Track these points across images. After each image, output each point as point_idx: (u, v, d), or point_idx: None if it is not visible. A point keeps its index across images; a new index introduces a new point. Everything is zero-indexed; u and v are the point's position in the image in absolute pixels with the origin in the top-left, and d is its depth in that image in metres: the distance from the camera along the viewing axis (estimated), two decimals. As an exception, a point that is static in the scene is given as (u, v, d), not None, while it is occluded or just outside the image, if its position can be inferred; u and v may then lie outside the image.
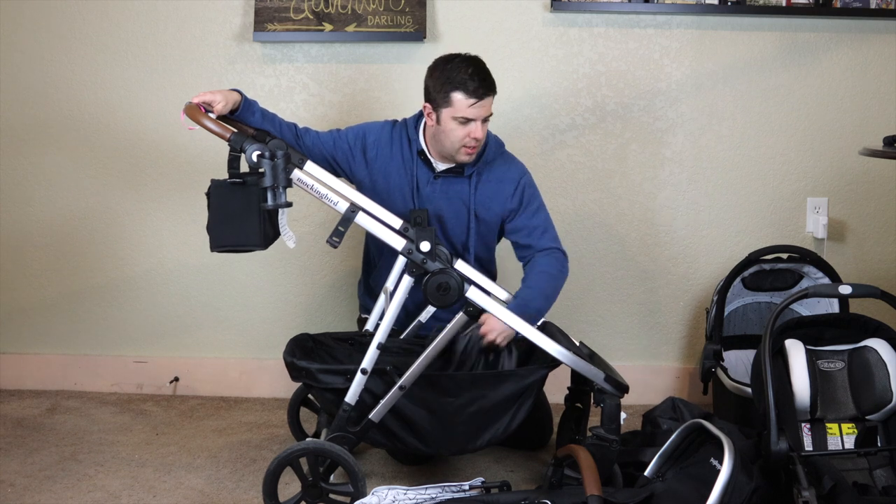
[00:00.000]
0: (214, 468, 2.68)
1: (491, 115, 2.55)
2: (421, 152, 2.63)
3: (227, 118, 2.44)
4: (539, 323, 2.53)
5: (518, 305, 2.49)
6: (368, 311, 2.72)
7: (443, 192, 2.64)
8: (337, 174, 2.65)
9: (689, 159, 3.23)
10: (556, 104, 3.21)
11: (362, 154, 2.66)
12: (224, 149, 2.28)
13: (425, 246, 2.30)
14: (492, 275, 2.78)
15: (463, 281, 2.29)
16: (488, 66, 2.91)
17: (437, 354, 2.33)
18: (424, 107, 2.59)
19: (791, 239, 3.20)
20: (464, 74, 2.48)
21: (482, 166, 2.64)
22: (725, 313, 2.98)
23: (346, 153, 2.66)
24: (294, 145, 2.54)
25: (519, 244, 2.69)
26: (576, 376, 2.51)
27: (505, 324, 2.39)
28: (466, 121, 2.49)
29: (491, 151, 2.65)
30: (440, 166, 2.64)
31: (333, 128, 2.91)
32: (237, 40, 3.20)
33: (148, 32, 3.21)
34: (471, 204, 2.64)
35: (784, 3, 3.10)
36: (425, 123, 2.63)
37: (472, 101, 2.48)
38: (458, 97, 2.48)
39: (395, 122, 2.71)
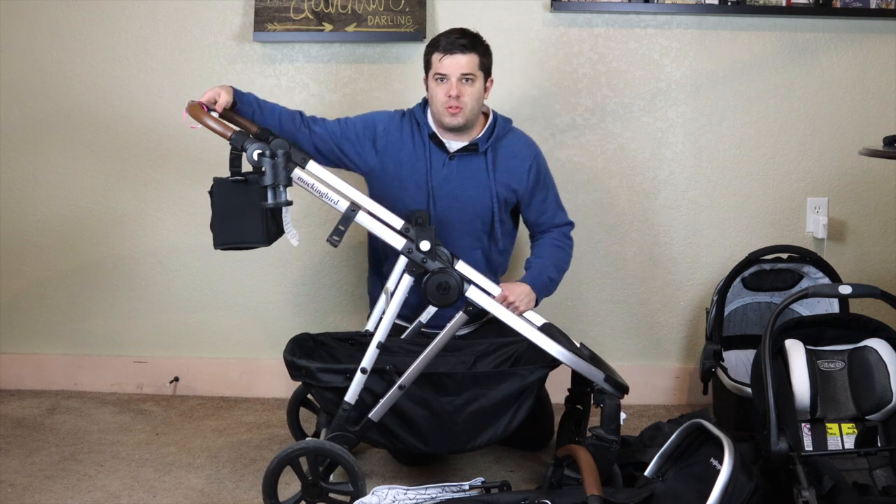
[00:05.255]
0: (214, 468, 2.68)
1: (473, 77, 2.60)
2: (433, 135, 2.68)
3: (229, 117, 2.45)
4: (541, 324, 2.53)
5: (532, 275, 2.61)
6: None
7: (460, 173, 2.68)
8: (344, 163, 2.69)
9: (689, 159, 3.23)
10: (556, 104, 3.21)
11: (372, 143, 2.69)
12: (225, 148, 2.28)
13: (425, 245, 2.30)
14: (504, 266, 2.86)
15: (463, 280, 2.29)
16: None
17: (437, 354, 2.33)
18: (424, 82, 2.69)
19: (791, 239, 3.20)
20: (442, 35, 2.63)
21: (495, 142, 2.70)
22: (725, 313, 2.98)
23: (353, 142, 2.68)
24: (297, 132, 2.59)
25: (533, 221, 2.77)
26: (576, 377, 2.51)
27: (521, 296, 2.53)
28: (443, 77, 2.59)
29: (500, 128, 2.72)
30: (454, 146, 2.68)
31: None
32: (237, 40, 3.20)
33: (148, 32, 3.21)
34: (491, 181, 2.69)
35: (784, 3, 3.10)
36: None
37: (442, 55, 2.58)
38: (434, 55, 2.61)
39: (403, 111, 2.76)
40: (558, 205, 2.79)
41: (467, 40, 2.60)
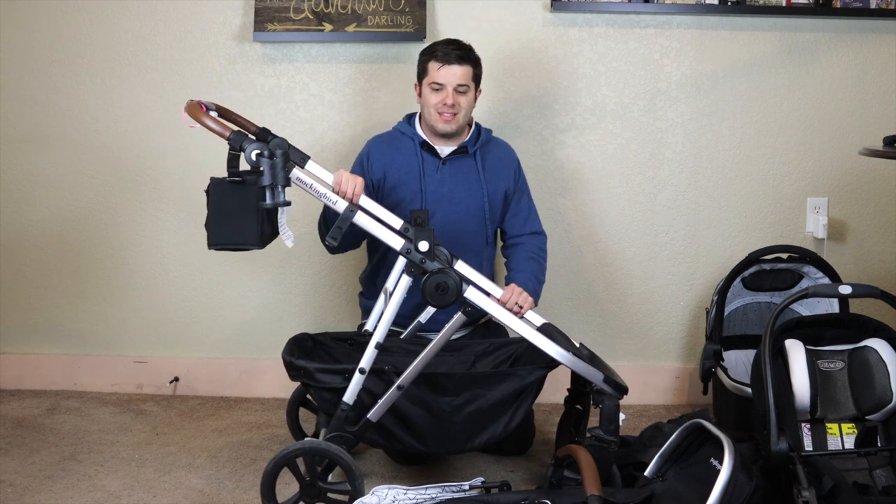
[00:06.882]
0: (214, 468, 2.68)
1: (467, 87, 2.70)
2: (423, 143, 2.77)
3: (228, 116, 2.44)
4: (540, 324, 2.52)
5: (522, 282, 2.64)
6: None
7: (452, 176, 2.77)
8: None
9: (689, 159, 3.23)
10: (556, 104, 3.20)
11: (371, 183, 2.76)
12: (224, 148, 2.28)
13: (423, 246, 2.30)
14: (491, 267, 2.90)
15: (461, 281, 2.28)
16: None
17: (436, 354, 2.32)
18: (415, 87, 2.79)
19: (791, 239, 3.20)
20: (438, 45, 2.71)
21: (481, 147, 2.81)
22: (725, 313, 2.97)
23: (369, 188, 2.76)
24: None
25: (509, 221, 2.85)
26: (575, 378, 2.50)
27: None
28: (439, 87, 2.68)
29: (485, 135, 2.84)
30: (445, 151, 2.77)
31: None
32: (237, 40, 3.20)
33: (148, 33, 3.21)
34: (482, 182, 2.79)
35: (784, 3, 3.10)
36: (420, 116, 2.78)
37: (440, 65, 2.67)
38: (431, 64, 2.70)
39: (388, 132, 2.86)
40: (531, 208, 2.90)
41: (463, 52, 2.70)
